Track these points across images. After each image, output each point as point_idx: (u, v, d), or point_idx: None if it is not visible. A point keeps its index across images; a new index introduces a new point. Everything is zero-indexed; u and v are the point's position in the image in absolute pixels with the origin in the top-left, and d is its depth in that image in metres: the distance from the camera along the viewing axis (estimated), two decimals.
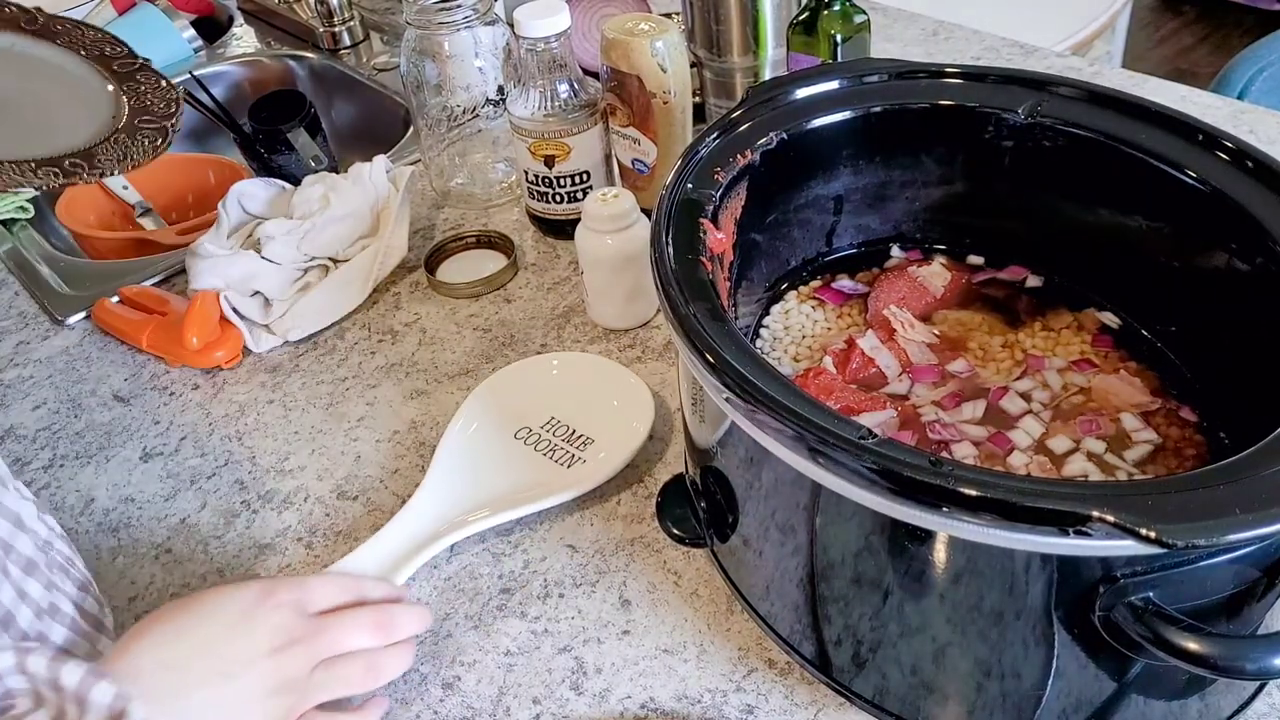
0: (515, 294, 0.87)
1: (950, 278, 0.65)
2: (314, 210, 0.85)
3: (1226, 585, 0.42)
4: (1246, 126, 0.95)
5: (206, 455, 0.76)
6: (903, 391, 0.59)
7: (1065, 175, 0.61)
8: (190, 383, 0.82)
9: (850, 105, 0.63)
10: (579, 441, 0.70)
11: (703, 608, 0.61)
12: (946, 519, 0.40)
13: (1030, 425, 0.56)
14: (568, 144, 0.85)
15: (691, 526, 0.61)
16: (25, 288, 0.95)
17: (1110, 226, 0.61)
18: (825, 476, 0.43)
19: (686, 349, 0.48)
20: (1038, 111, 0.61)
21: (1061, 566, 0.41)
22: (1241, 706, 0.50)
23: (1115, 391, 0.58)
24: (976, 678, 0.48)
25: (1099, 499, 0.37)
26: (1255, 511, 0.37)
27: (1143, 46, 2.97)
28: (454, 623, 0.62)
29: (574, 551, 0.65)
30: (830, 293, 0.66)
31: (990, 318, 0.64)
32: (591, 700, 0.57)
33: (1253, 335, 0.53)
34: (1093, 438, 0.55)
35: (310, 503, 0.71)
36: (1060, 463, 0.54)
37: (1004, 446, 0.55)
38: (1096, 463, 0.54)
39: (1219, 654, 0.39)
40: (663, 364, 0.78)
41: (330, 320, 0.85)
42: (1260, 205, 0.52)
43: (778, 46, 0.92)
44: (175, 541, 0.69)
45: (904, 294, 0.65)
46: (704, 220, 0.55)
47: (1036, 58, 1.09)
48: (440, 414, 0.76)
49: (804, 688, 0.56)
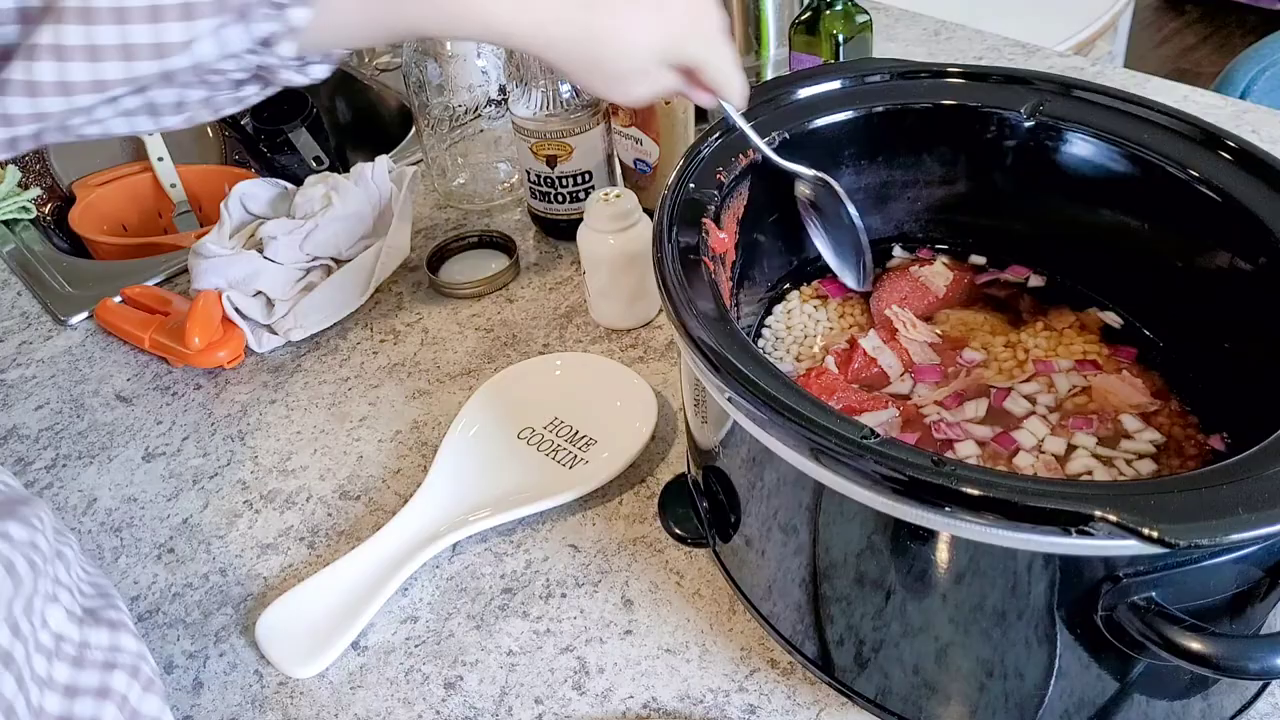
0: (517, 294, 0.87)
1: (952, 277, 0.65)
2: (316, 210, 0.85)
3: (1229, 585, 0.42)
4: (1249, 126, 0.95)
5: (209, 455, 0.76)
6: (905, 391, 0.59)
7: (1067, 175, 0.61)
8: (193, 383, 0.82)
9: (852, 105, 0.63)
10: (581, 442, 0.71)
11: (705, 608, 0.61)
12: (949, 519, 0.40)
13: (1035, 426, 0.56)
14: (570, 144, 0.85)
15: (694, 526, 0.61)
16: (28, 288, 0.96)
17: (1112, 226, 0.61)
18: (828, 476, 0.44)
19: (689, 349, 0.48)
20: (1040, 111, 0.61)
21: (1064, 566, 0.41)
22: (1244, 706, 0.50)
23: (1115, 391, 0.58)
24: (979, 677, 0.48)
25: (1102, 498, 0.37)
26: (1258, 511, 0.37)
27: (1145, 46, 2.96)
28: (456, 622, 0.62)
29: (576, 551, 0.65)
30: (833, 285, 0.66)
31: (992, 317, 0.64)
32: (594, 700, 0.57)
33: (1255, 335, 0.53)
34: (1089, 434, 0.55)
35: (313, 502, 0.71)
36: (1064, 461, 0.54)
37: (1008, 446, 0.55)
38: (1101, 460, 0.54)
39: (1221, 654, 0.39)
40: (665, 364, 0.78)
41: (332, 320, 0.85)
42: (1262, 205, 0.52)
43: (780, 46, 0.92)
44: (178, 541, 0.69)
45: (906, 294, 0.65)
46: (706, 220, 0.55)
47: (1039, 58, 1.09)
48: (442, 414, 0.76)
49: (806, 687, 0.56)
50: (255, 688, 0.60)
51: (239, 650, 0.62)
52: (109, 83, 0.43)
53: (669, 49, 0.57)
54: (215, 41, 0.44)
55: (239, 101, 0.51)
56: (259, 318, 0.83)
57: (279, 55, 0.47)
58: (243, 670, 0.61)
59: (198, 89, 0.48)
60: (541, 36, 0.53)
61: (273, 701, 0.59)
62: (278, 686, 0.60)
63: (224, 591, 0.66)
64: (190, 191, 1.13)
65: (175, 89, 0.47)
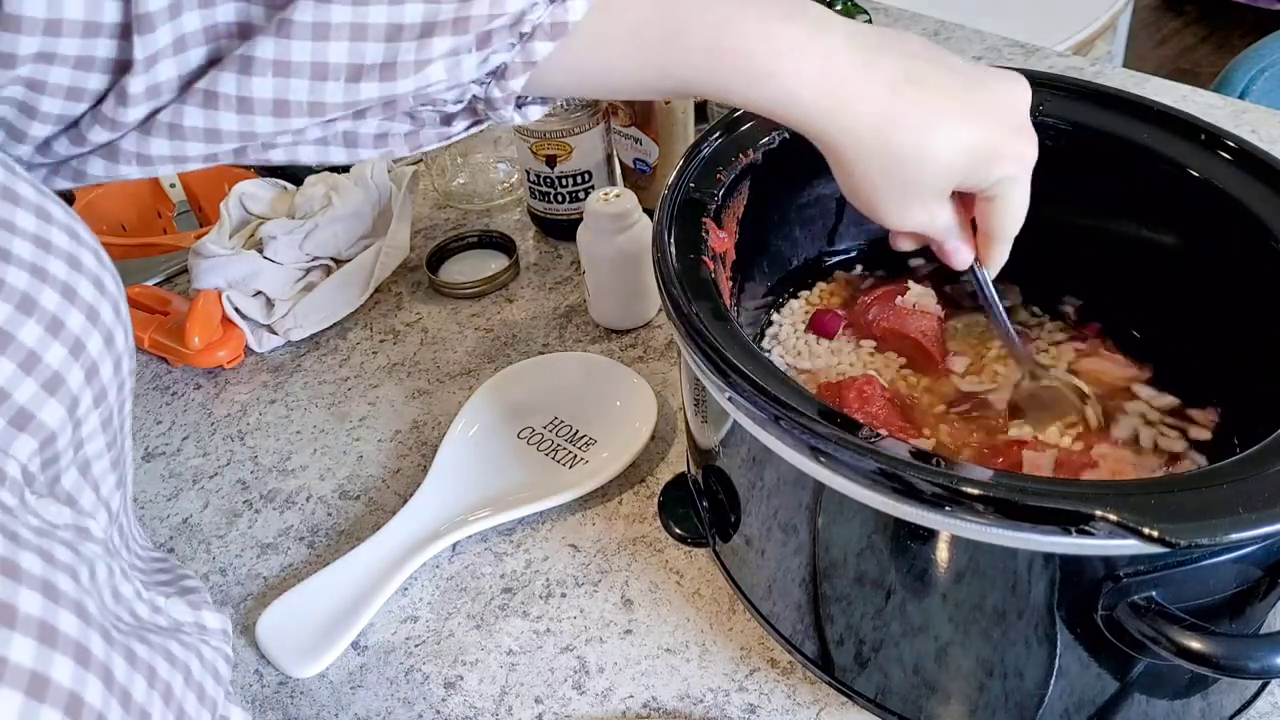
0: (517, 294, 0.87)
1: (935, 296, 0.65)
2: (316, 210, 0.85)
3: (1229, 584, 0.42)
4: (1248, 126, 0.95)
5: (209, 455, 0.76)
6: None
7: (1067, 175, 0.61)
8: (192, 383, 0.82)
9: None
10: (581, 441, 0.71)
11: (705, 607, 0.61)
12: (949, 518, 0.40)
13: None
14: (569, 144, 0.85)
15: (694, 526, 0.61)
16: None
17: (1112, 226, 0.61)
18: (828, 476, 0.43)
19: (689, 348, 0.48)
20: (1040, 111, 0.60)
21: (1064, 565, 0.41)
22: (1244, 706, 0.50)
23: (1104, 370, 0.58)
24: (979, 677, 0.48)
25: (1102, 498, 0.37)
26: (1258, 510, 0.37)
27: (1144, 46, 2.96)
28: (456, 622, 0.62)
29: (576, 551, 0.65)
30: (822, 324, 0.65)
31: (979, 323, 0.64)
32: (594, 700, 0.57)
33: (1254, 334, 0.53)
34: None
35: (312, 502, 0.71)
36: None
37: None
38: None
39: (1222, 653, 0.39)
40: (665, 364, 0.78)
41: (332, 320, 0.85)
42: (1262, 204, 0.52)
43: None
44: (178, 541, 0.69)
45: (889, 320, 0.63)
46: (706, 220, 0.55)
47: (1038, 57, 1.09)
48: (442, 413, 0.76)
49: (806, 687, 0.56)
50: (255, 687, 0.60)
51: (239, 650, 0.62)
52: (329, 105, 0.40)
53: (978, 163, 0.46)
54: (447, 67, 0.40)
55: (444, 138, 0.46)
56: (259, 318, 0.83)
57: (506, 89, 0.43)
58: (243, 670, 0.61)
59: (403, 121, 0.44)
60: (844, 116, 0.45)
61: (273, 701, 0.59)
62: (278, 686, 0.60)
63: (224, 591, 0.66)
64: (190, 192, 1.13)
65: (379, 119, 0.43)
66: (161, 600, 0.40)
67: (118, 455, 0.40)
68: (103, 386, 0.37)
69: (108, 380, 0.37)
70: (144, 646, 0.33)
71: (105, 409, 0.37)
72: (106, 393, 0.37)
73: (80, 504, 0.37)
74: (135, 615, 0.36)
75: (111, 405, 0.38)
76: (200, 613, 0.42)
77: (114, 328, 0.37)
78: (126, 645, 0.32)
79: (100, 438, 0.38)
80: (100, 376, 0.37)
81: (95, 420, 0.37)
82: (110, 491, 0.39)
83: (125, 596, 0.36)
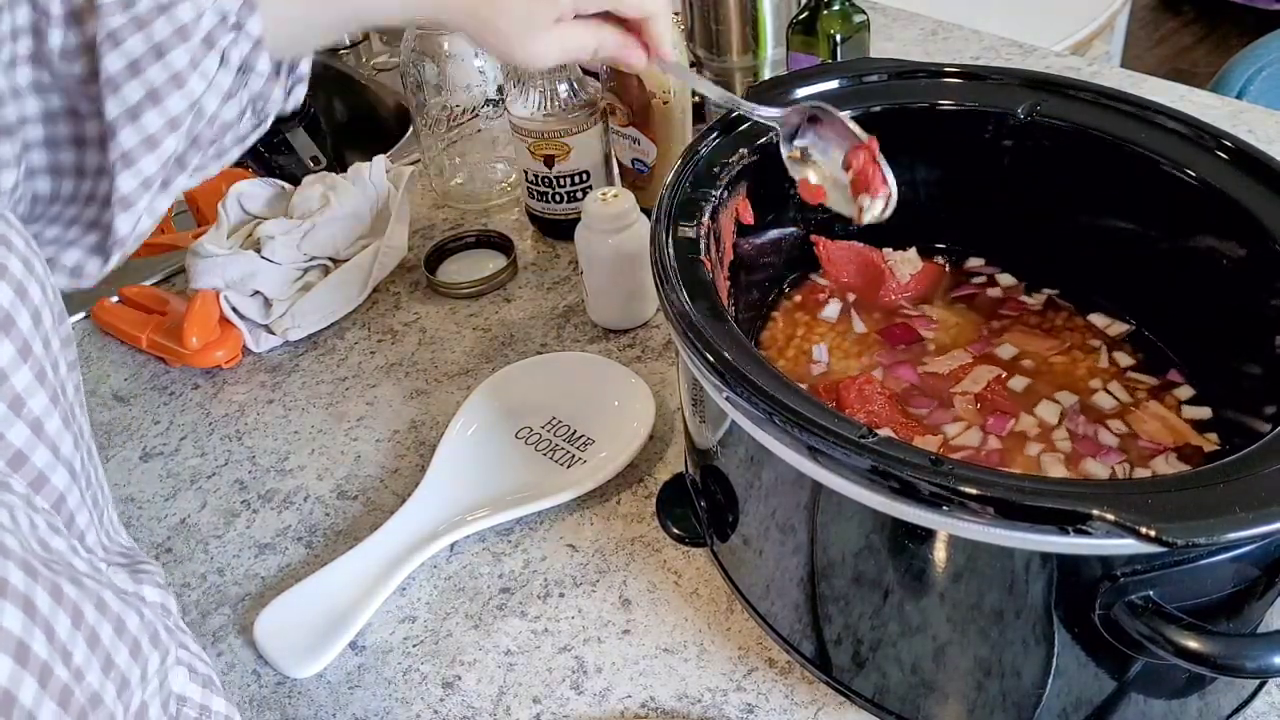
0: (515, 294, 0.87)
1: (921, 267, 0.66)
2: (314, 210, 0.85)
3: (1226, 584, 0.42)
4: (1245, 126, 0.95)
5: (206, 455, 0.76)
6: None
7: (1065, 175, 0.61)
8: (190, 382, 0.82)
9: (849, 105, 0.63)
10: (579, 441, 0.71)
11: (703, 607, 0.61)
12: (947, 518, 0.40)
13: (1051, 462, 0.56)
14: (567, 144, 0.85)
15: (692, 526, 0.61)
16: None
17: (1110, 225, 0.61)
18: (826, 475, 0.44)
19: (686, 348, 0.48)
20: (1037, 111, 0.61)
21: (1062, 565, 0.41)
22: (1241, 705, 0.50)
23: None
24: (977, 676, 0.48)
25: (1099, 497, 0.37)
26: (1255, 510, 0.37)
27: (1142, 46, 2.97)
28: (454, 622, 0.62)
29: (574, 551, 0.65)
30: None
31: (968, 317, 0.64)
32: (592, 699, 0.57)
33: (1250, 333, 0.53)
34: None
35: (310, 502, 0.71)
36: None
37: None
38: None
39: (1219, 652, 0.39)
40: (663, 364, 0.78)
41: (330, 320, 0.85)
42: (1259, 204, 0.52)
43: (777, 46, 0.92)
44: (175, 541, 0.69)
45: (855, 271, 0.66)
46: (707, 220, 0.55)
47: (1036, 58, 1.09)
48: (440, 413, 0.76)
49: (804, 687, 0.56)
50: (253, 688, 0.60)
51: (237, 650, 0.62)
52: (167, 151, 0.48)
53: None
54: (211, 84, 0.48)
55: (240, 140, 0.54)
56: (257, 318, 0.83)
57: (260, 72, 0.50)
58: (241, 670, 0.61)
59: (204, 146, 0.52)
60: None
61: (271, 701, 0.59)
62: (275, 686, 0.60)
63: (222, 591, 0.66)
64: (187, 192, 1.13)
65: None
66: (104, 567, 0.40)
67: (66, 414, 0.40)
68: (25, 340, 0.37)
69: (28, 332, 0.37)
70: (73, 587, 0.33)
71: (34, 363, 0.37)
72: (30, 345, 0.37)
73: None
74: (69, 564, 0.36)
75: (42, 360, 0.38)
76: (142, 586, 0.42)
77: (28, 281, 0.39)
78: (53, 581, 0.32)
79: (40, 394, 0.37)
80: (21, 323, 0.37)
81: (27, 374, 0.37)
82: (70, 453, 0.39)
83: (56, 550, 0.36)
